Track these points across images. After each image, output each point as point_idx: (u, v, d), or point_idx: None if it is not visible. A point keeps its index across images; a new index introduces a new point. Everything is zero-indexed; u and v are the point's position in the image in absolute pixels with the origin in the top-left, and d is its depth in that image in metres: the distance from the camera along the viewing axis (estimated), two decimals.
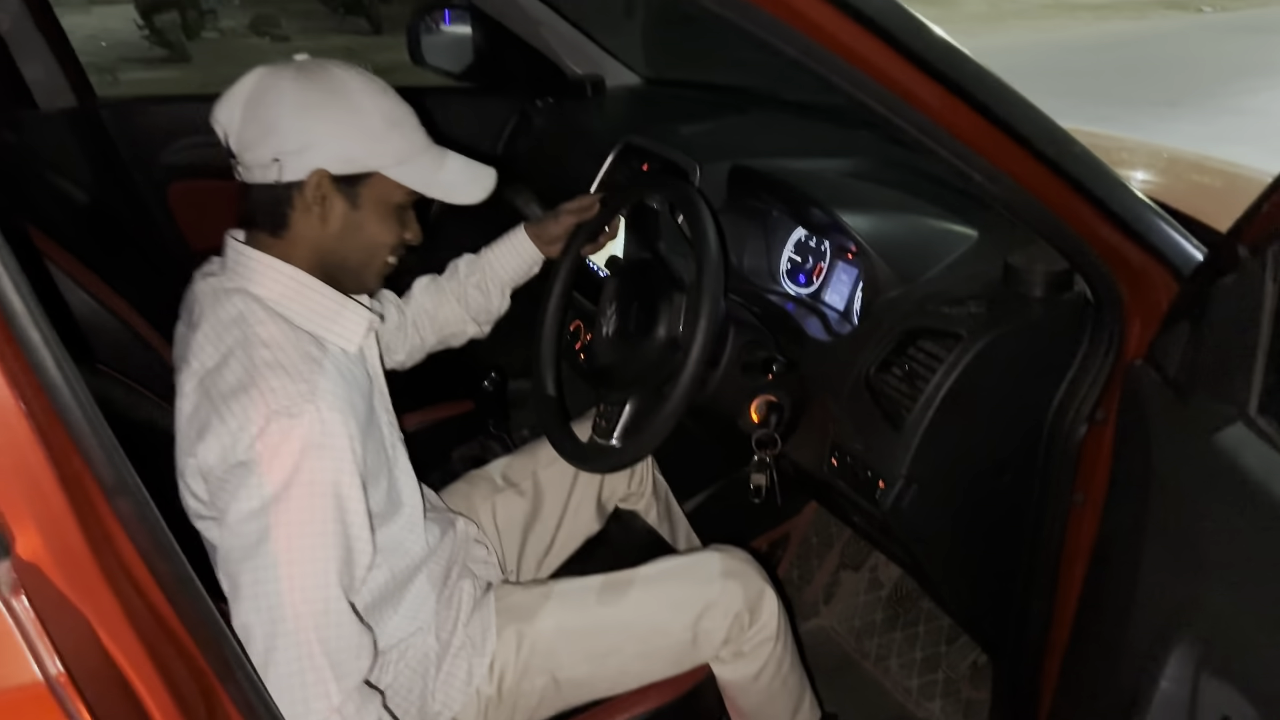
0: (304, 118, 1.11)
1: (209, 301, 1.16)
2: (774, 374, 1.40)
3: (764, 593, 1.46)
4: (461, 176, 1.26)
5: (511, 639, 1.36)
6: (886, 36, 1.02)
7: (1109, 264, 1.19)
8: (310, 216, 1.15)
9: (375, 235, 1.20)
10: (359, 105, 1.14)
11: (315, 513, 1.06)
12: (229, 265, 1.18)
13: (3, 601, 0.73)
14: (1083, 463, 1.28)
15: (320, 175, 1.13)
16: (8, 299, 0.75)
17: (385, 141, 1.16)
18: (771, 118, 2.14)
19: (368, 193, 1.17)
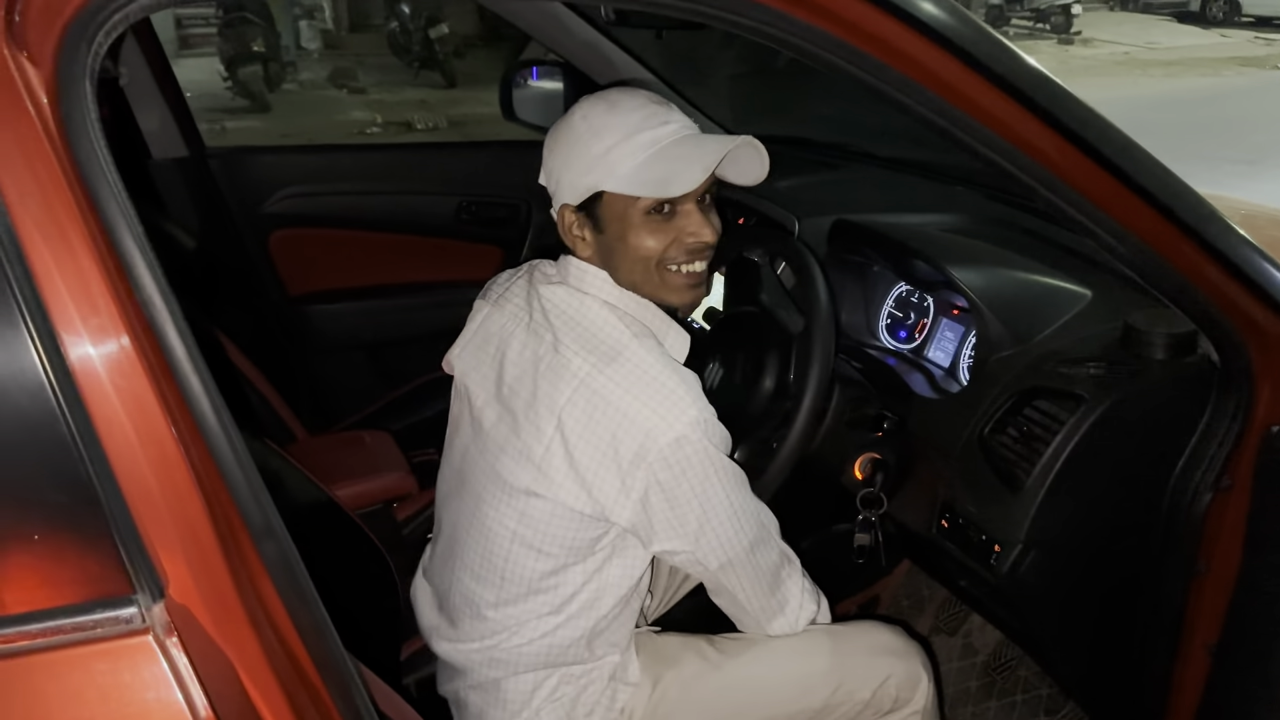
0: (549, 160, 1.22)
1: (566, 305, 1.22)
2: (885, 430, 1.38)
3: (920, 681, 1.40)
4: (677, 164, 1.17)
5: (649, 681, 1.33)
6: (1016, 94, 1.01)
7: (1238, 326, 1.16)
8: (577, 247, 1.24)
9: (634, 249, 1.20)
10: (578, 134, 1.19)
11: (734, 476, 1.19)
12: (572, 275, 1.25)
13: (157, 643, 0.75)
14: (1207, 531, 1.24)
15: (565, 210, 1.22)
16: (172, 347, 0.78)
17: (602, 161, 1.17)
18: (866, 173, 2.14)
19: (605, 212, 1.20)
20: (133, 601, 0.74)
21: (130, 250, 0.77)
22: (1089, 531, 1.27)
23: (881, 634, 1.43)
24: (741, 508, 1.20)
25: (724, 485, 1.17)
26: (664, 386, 1.13)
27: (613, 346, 1.16)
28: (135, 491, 0.75)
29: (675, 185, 1.17)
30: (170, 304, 0.78)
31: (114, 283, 0.75)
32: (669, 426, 1.11)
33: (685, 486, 1.14)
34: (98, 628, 0.73)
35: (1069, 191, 1.08)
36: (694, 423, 1.12)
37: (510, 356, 1.24)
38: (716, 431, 1.16)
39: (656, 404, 1.11)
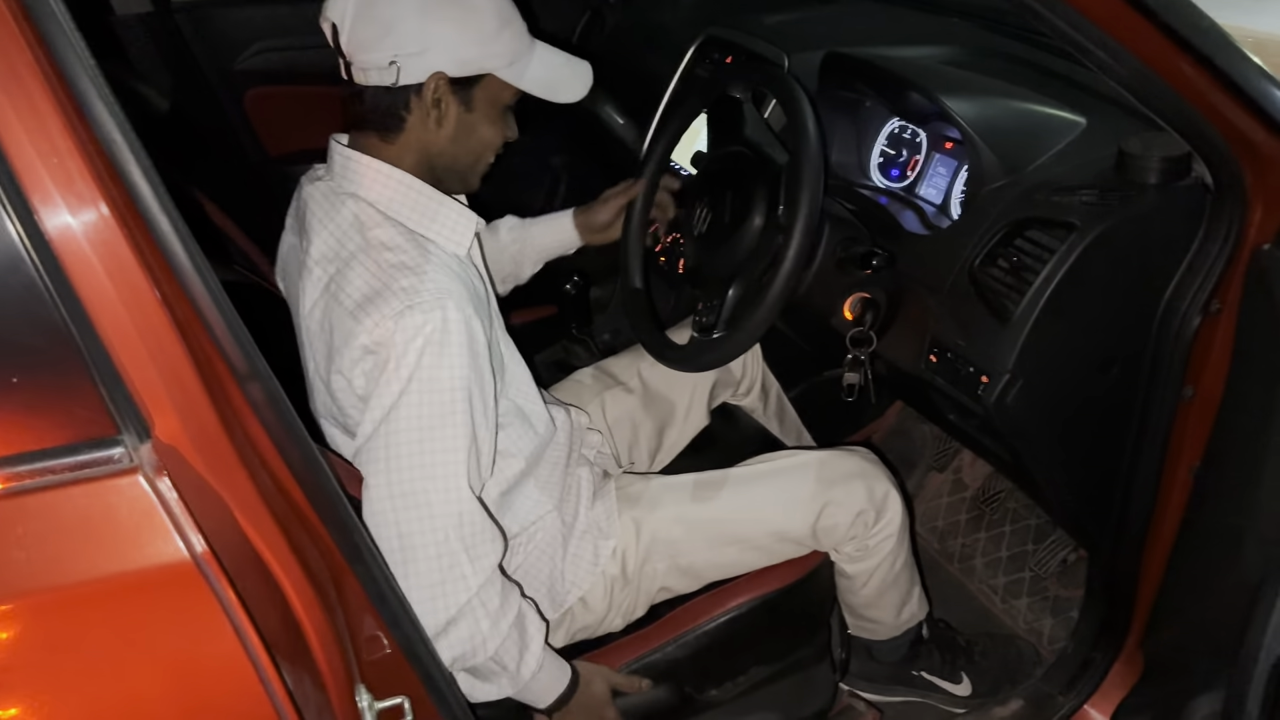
0: (423, 18, 1.09)
1: (323, 209, 1.17)
2: (874, 267, 1.37)
3: (889, 494, 1.46)
4: (563, 73, 1.24)
5: (630, 525, 1.38)
6: None
7: (1233, 146, 1.14)
8: (427, 120, 1.15)
9: (485, 136, 1.21)
10: (474, 4, 1.12)
11: (445, 408, 1.07)
12: (336, 170, 1.18)
13: (147, 481, 0.75)
14: (1194, 355, 1.25)
15: (438, 78, 1.12)
16: (138, 188, 0.76)
17: (498, 41, 1.14)
18: (859, 6, 2.06)
19: (481, 94, 1.17)
20: (119, 442, 0.75)
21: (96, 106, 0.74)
22: (1077, 359, 1.28)
23: (851, 458, 1.49)
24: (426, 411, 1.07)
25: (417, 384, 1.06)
26: (385, 284, 1.07)
27: (354, 249, 1.11)
28: (114, 336, 0.74)
29: (563, 93, 1.24)
30: (134, 148, 0.76)
31: (80, 138, 0.73)
32: (377, 321, 1.05)
33: (384, 378, 1.07)
34: (86, 467, 0.74)
35: (1066, 8, 1.04)
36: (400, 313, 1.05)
37: (290, 268, 1.23)
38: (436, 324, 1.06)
39: (380, 303, 1.06)
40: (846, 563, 1.49)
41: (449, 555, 1.08)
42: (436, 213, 1.17)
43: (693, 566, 1.40)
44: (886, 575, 1.50)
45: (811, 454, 1.51)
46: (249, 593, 0.79)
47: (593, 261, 2.13)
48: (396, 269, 1.08)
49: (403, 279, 1.07)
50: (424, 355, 1.05)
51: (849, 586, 1.52)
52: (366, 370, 1.08)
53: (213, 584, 0.77)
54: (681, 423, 1.67)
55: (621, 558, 1.37)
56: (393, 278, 1.07)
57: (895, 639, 1.64)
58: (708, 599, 1.41)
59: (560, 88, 1.24)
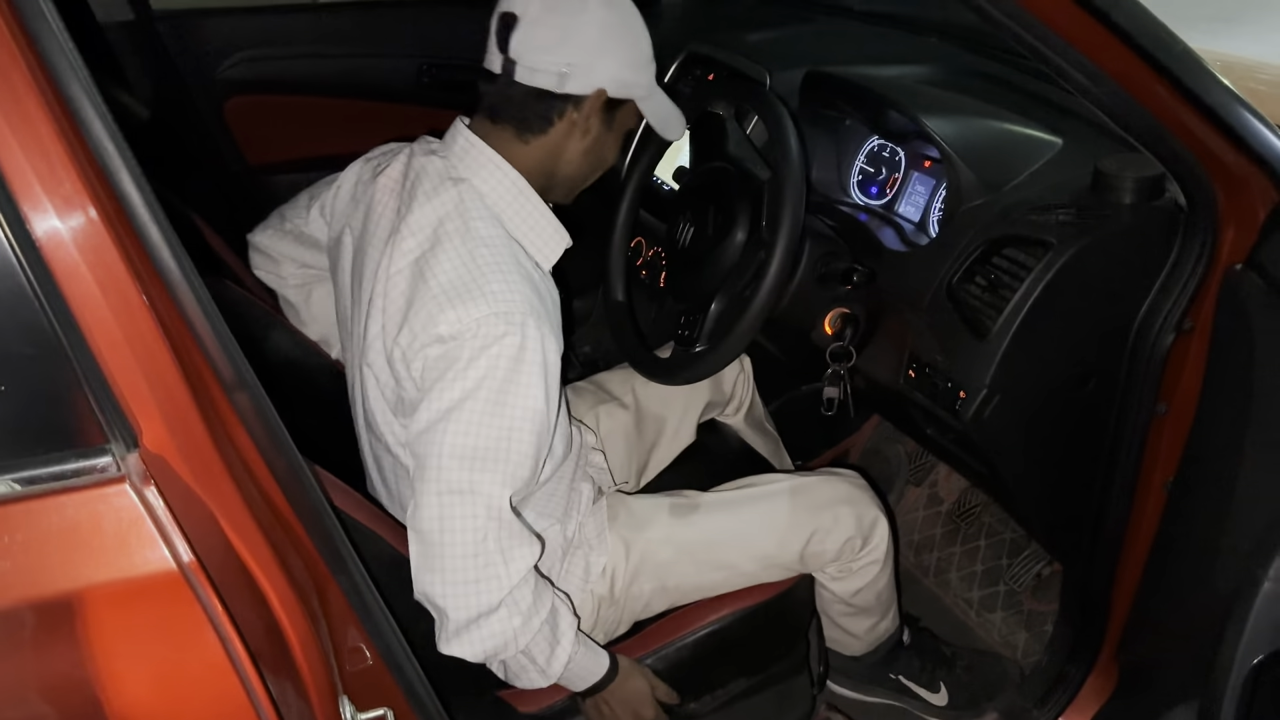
0: (604, 36, 1.14)
1: (432, 183, 1.17)
2: (854, 283, 1.39)
3: (877, 520, 1.48)
4: (673, 113, 1.30)
5: (620, 544, 1.39)
6: None
7: (1206, 167, 1.16)
8: (573, 130, 1.18)
9: (608, 156, 1.26)
10: (640, 33, 1.18)
11: (506, 424, 1.08)
12: (455, 152, 1.19)
13: (134, 490, 0.75)
14: (1168, 372, 1.27)
15: (601, 94, 1.16)
16: (128, 196, 0.76)
17: (647, 72, 1.21)
18: (840, 26, 2.09)
19: (621, 117, 1.22)
20: (106, 451, 0.75)
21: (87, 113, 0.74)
22: (1053, 375, 1.30)
23: (841, 484, 1.50)
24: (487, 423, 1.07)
25: (485, 392, 1.06)
26: (476, 281, 1.08)
27: (451, 230, 1.12)
28: (103, 345, 0.74)
29: (672, 131, 1.32)
30: (125, 155, 0.76)
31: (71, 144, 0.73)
32: (460, 316, 1.06)
33: (450, 375, 1.07)
34: (73, 476, 0.73)
35: (1045, 31, 1.06)
36: (480, 320, 1.06)
37: (380, 225, 1.21)
38: (516, 339, 1.07)
39: (469, 298, 1.07)
40: (829, 581, 1.50)
41: (485, 555, 1.09)
42: (537, 223, 1.19)
43: (679, 588, 1.41)
44: (867, 597, 1.51)
45: (801, 479, 1.51)
46: (234, 603, 0.79)
47: (574, 273, 2.14)
48: (491, 268, 1.09)
49: (495, 281, 1.08)
50: (498, 367, 1.06)
51: (829, 600, 1.53)
52: (433, 358, 1.07)
53: (199, 593, 0.76)
54: (670, 440, 1.68)
55: (610, 577, 1.38)
56: (485, 276, 1.08)
57: (866, 654, 1.65)
58: (687, 612, 1.42)
59: (671, 125, 1.31)
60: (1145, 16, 1.07)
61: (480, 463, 1.07)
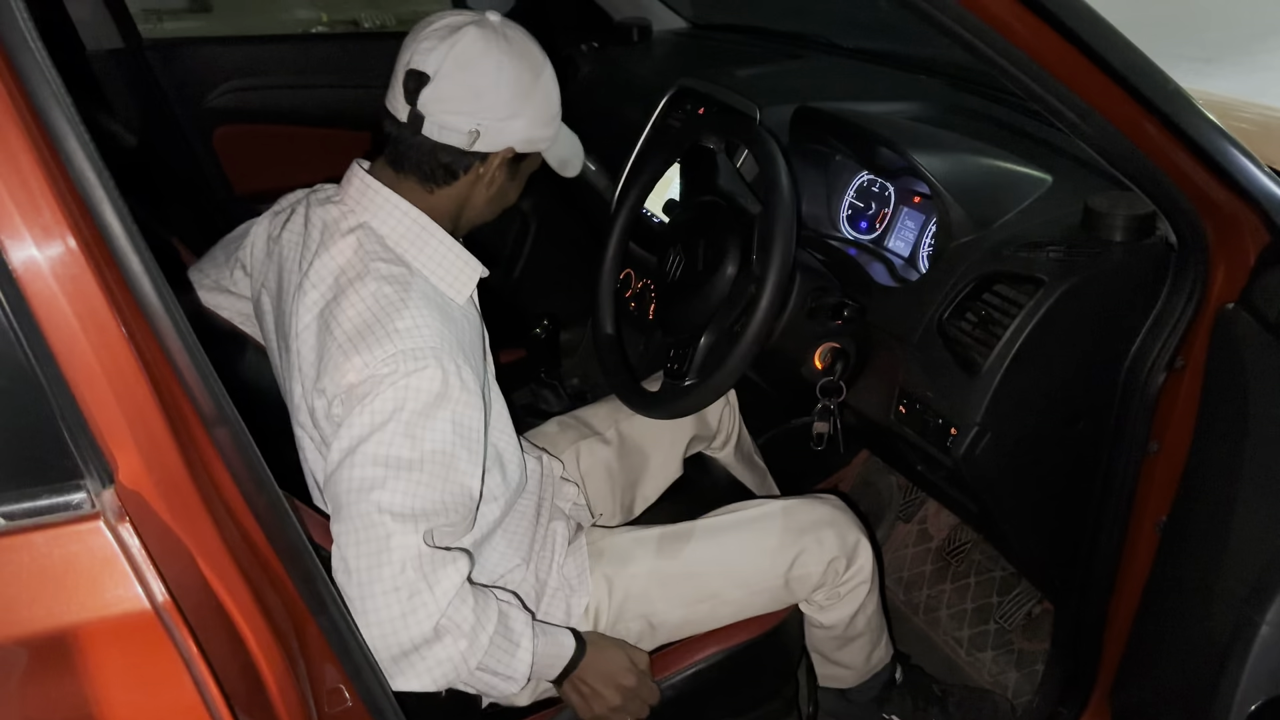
0: (516, 98, 1.13)
1: (329, 233, 1.15)
2: (845, 318, 1.38)
3: (860, 541, 1.47)
4: (573, 149, 1.30)
5: (603, 582, 1.36)
6: None
7: (1196, 206, 1.16)
8: (477, 183, 1.19)
9: (511, 198, 1.27)
10: (548, 89, 1.18)
11: (415, 457, 1.06)
12: (351, 196, 1.17)
13: (109, 528, 0.73)
14: (1160, 411, 1.26)
15: (508, 153, 1.17)
16: (109, 226, 0.74)
17: (553, 125, 1.22)
18: (829, 63, 2.10)
19: (525, 166, 1.23)
20: (81, 487, 0.73)
21: (69, 141, 0.73)
22: (1044, 413, 1.29)
23: (820, 507, 1.49)
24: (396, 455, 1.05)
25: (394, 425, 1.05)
26: (380, 322, 1.07)
27: (353, 276, 1.11)
28: (80, 378, 0.73)
29: (570, 170, 1.32)
30: (107, 185, 0.75)
31: (52, 173, 0.71)
32: (366, 361, 1.05)
33: (357, 410, 1.05)
34: (46, 513, 0.71)
35: (1035, 69, 1.06)
36: (385, 360, 1.04)
37: (286, 283, 1.21)
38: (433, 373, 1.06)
39: (373, 341, 1.05)
40: (817, 612, 1.48)
41: (407, 585, 1.05)
42: (444, 258, 1.18)
43: (665, 624, 1.38)
44: (858, 622, 1.50)
45: (780, 503, 1.51)
46: (210, 644, 0.76)
47: (562, 305, 2.13)
48: (395, 306, 1.07)
49: (401, 319, 1.06)
50: (406, 402, 1.04)
51: (820, 635, 1.51)
52: (345, 399, 1.06)
53: (173, 634, 0.74)
54: (656, 476, 1.66)
55: (594, 616, 1.35)
56: (389, 315, 1.06)
57: (864, 684, 1.63)
58: (674, 651, 1.40)
59: (570, 164, 1.31)
60: (1136, 55, 1.07)
61: (388, 494, 1.04)
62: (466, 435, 1.09)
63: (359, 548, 1.05)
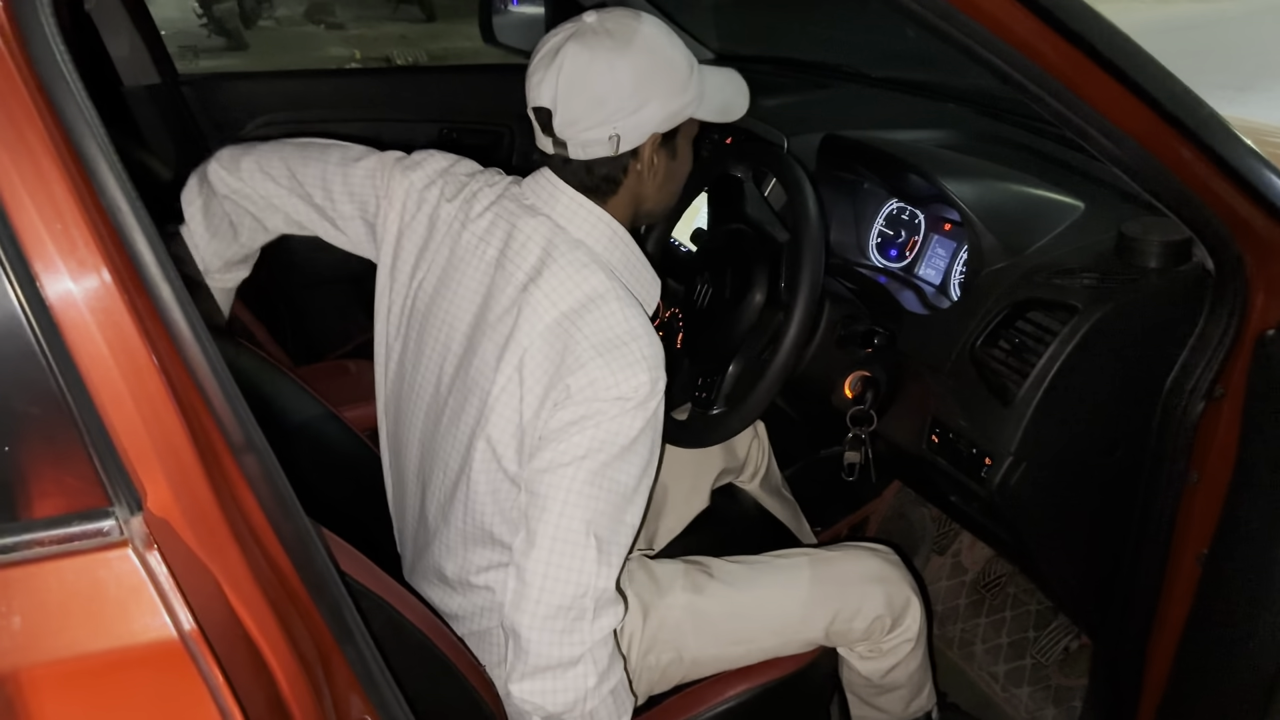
0: (635, 87, 1.11)
1: (552, 248, 1.15)
2: (875, 346, 1.37)
3: (910, 601, 1.43)
4: (729, 91, 1.26)
5: (638, 608, 1.34)
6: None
7: (1234, 232, 1.14)
8: (642, 178, 1.19)
9: (683, 173, 1.25)
10: (670, 59, 1.14)
11: (633, 486, 1.09)
12: (560, 211, 1.18)
13: (137, 555, 0.73)
14: (1199, 440, 1.23)
15: (655, 139, 1.16)
16: (141, 256, 0.75)
17: (691, 86, 1.17)
18: (856, 92, 2.10)
19: (682, 138, 1.21)
20: (110, 514, 0.73)
21: (103, 172, 0.74)
22: (1080, 443, 1.27)
23: (872, 560, 1.45)
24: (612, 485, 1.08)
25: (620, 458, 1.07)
26: (628, 346, 1.08)
27: (587, 295, 1.11)
28: (109, 405, 0.73)
29: (735, 111, 1.27)
30: (140, 217, 0.75)
31: (85, 203, 0.72)
32: (617, 383, 1.06)
33: (590, 427, 1.07)
34: (75, 540, 0.71)
35: (1068, 94, 1.05)
36: (640, 386, 1.07)
37: (469, 284, 1.19)
38: (653, 402, 1.09)
39: (617, 364, 1.07)
40: (858, 660, 1.45)
41: (579, 609, 1.07)
42: (641, 274, 1.21)
43: (696, 660, 1.36)
44: (897, 675, 1.46)
45: (829, 553, 1.47)
46: (236, 673, 0.76)
47: None
48: (638, 332, 1.09)
49: (644, 345, 1.08)
50: (645, 428, 1.08)
51: (858, 680, 1.48)
52: (583, 402, 1.07)
53: (200, 664, 0.74)
54: (682, 506, 1.64)
55: (628, 643, 1.33)
56: (635, 339, 1.08)
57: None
58: (703, 688, 1.37)
59: (732, 107, 1.27)
60: (1171, 80, 1.06)
61: (601, 519, 1.07)
62: (655, 453, 1.13)
63: (554, 555, 1.06)
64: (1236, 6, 12.40)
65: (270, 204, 1.39)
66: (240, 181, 1.39)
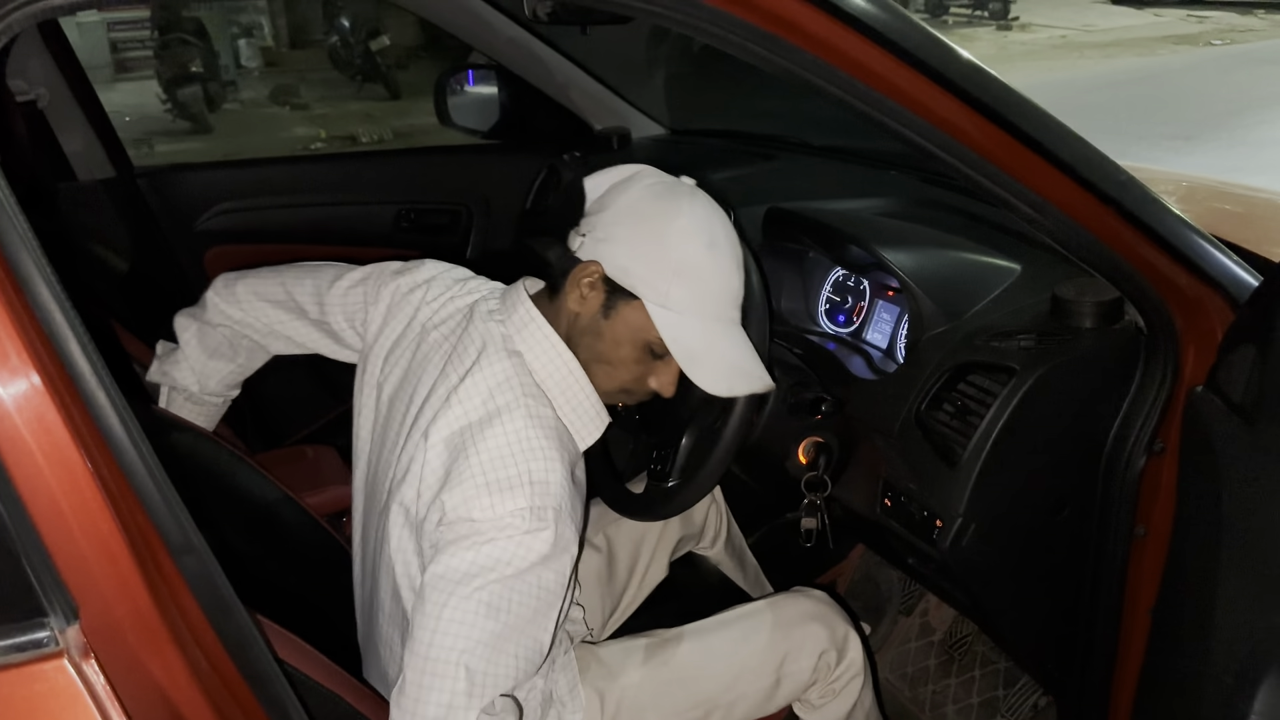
0: (621, 217, 1.15)
1: (487, 351, 1.16)
2: (823, 413, 1.39)
3: (848, 634, 1.45)
4: (722, 365, 1.19)
5: (595, 698, 1.33)
6: (924, 69, 1.02)
7: (1160, 291, 1.18)
8: (570, 297, 1.17)
9: (611, 354, 1.19)
10: (669, 239, 1.14)
11: (514, 606, 1.05)
12: (515, 320, 1.19)
13: (73, 665, 0.73)
14: (1143, 495, 1.26)
15: (596, 266, 1.15)
16: (74, 360, 0.76)
17: (664, 280, 1.14)
18: (801, 163, 2.15)
19: (624, 311, 1.16)
20: (45, 625, 0.72)
21: (32, 276, 0.75)
22: (1028, 501, 1.28)
23: (806, 601, 1.47)
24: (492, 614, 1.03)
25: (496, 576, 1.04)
26: (511, 469, 1.06)
27: (495, 409, 1.10)
28: (43, 514, 0.73)
29: (699, 373, 1.17)
30: (72, 321, 0.76)
31: (14, 308, 0.73)
32: (491, 505, 1.05)
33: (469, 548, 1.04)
34: (9, 653, 0.71)
35: (987, 166, 1.09)
36: (518, 512, 1.04)
37: (422, 384, 1.20)
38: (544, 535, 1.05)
39: (495, 486, 1.05)
40: (811, 712, 1.45)
41: None
42: (582, 404, 1.18)
43: None
44: (856, 717, 1.46)
45: (765, 601, 1.49)
46: None
47: None
48: (535, 451, 1.07)
49: (535, 465, 1.06)
50: (514, 559, 1.04)
51: None
52: (459, 527, 1.05)
53: None
54: (640, 580, 1.64)
55: None
56: (527, 459, 1.06)
57: None
58: None
59: (705, 369, 1.18)
60: (1085, 148, 1.11)
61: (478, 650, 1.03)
62: (556, 592, 1.09)
63: (426, 677, 1.02)
64: (1178, 59, 12.83)
65: (272, 330, 1.43)
66: (241, 311, 1.42)
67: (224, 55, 11.97)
